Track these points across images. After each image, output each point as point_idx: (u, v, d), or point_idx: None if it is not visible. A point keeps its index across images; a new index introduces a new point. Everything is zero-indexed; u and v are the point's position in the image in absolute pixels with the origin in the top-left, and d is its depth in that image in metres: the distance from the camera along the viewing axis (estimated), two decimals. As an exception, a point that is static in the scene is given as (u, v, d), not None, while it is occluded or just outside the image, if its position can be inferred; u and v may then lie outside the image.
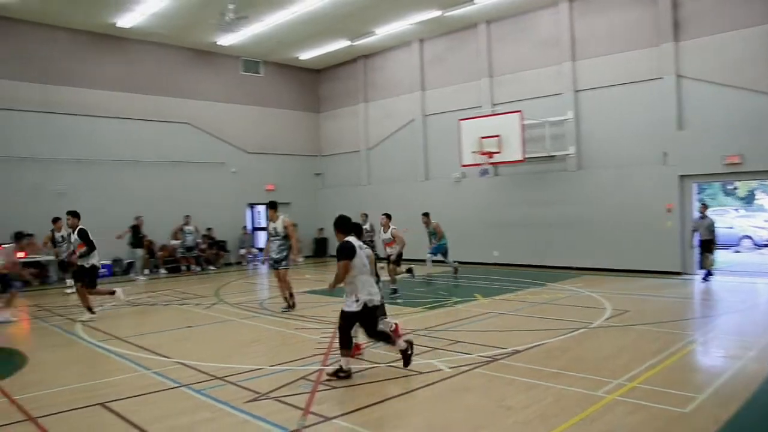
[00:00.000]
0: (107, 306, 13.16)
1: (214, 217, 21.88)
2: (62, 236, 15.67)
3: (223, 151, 22.71)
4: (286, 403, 5.95)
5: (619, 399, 5.82)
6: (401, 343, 7.10)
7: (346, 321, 6.92)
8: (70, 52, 19.33)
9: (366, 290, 6.95)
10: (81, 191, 18.99)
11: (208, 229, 21.53)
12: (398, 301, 12.43)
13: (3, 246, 12.60)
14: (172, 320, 11.36)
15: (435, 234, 16.26)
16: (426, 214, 16.28)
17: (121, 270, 19.77)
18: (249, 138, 23.46)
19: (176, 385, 6.78)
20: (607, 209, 16.77)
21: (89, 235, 11.41)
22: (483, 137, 17.72)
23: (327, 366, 7.22)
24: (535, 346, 8.13)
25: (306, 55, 23.28)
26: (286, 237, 11.90)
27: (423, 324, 9.84)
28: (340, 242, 7.31)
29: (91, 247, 11.35)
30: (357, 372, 7.00)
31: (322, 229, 24.81)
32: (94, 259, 11.49)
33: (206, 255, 21.21)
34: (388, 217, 14.82)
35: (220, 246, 21.92)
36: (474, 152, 17.89)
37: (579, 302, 11.78)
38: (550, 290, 13.58)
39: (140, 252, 18.86)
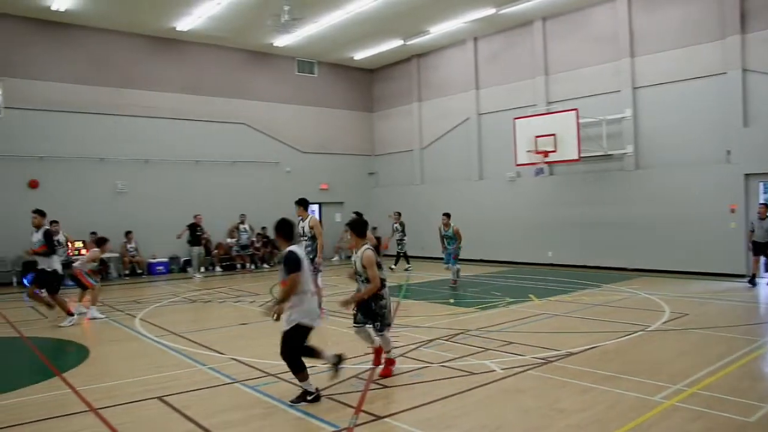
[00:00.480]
0: (165, 302, 13.53)
1: (269, 216, 22.00)
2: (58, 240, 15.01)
3: (278, 151, 23.04)
4: (338, 401, 6.00)
5: (678, 405, 5.65)
6: (329, 356, 6.35)
7: (292, 341, 6.08)
8: (136, 56, 20.02)
9: (305, 309, 6.11)
10: (143, 190, 19.58)
11: (263, 227, 21.85)
12: (450, 301, 12.36)
13: (90, 249, 12.97)
14: (227, 317, 11.57)
15: (454, 238, 14.97)
16: (447, 215, 15.31)
17: (177, 267, 20.29)
18: (303, 138, 23.73)
19: (231, 380, 6.92)
20: (666, 209, 16.31)
21: (53, 237, 11.28)
22: (538, 136, 17.49)
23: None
24: (590, 348, 7.98)
25: (360, 55, 23.41)
26: (313, 237, 11.31)
27: (476, 324, 9.77)
28: (284, 251, 6.23)
29: (51, 250, 10.96)
30: (409, 372, 7.01)
31: (375, 228, 24.87)
32: (57, 265, 11.12)
33: (261, 253, 21.54)
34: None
35: (274, 244, 22.20)
36: (529, 151, 17.66)
37: (636, 304, 11.51)
38: (605, 292, 13.31)
39: (197, 250, 19.26)
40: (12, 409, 6.17)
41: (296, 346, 6.08)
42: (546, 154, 17.27)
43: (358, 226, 7.53)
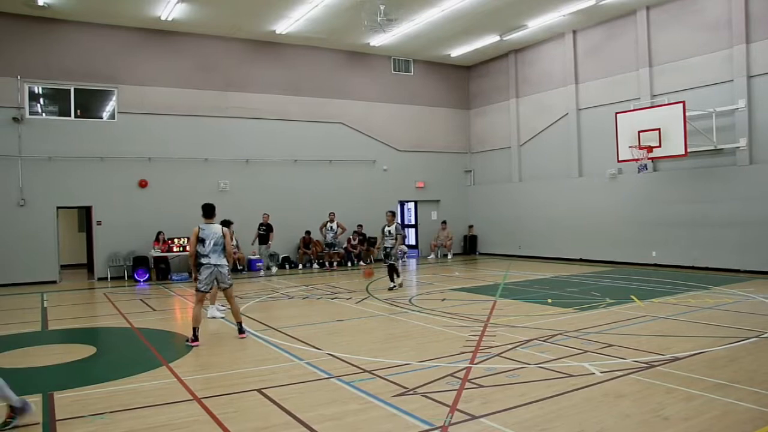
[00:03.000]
0: (264, 297, 13.96)
1: (366, 214, 22.44)
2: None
3: (375, 150, 23.27)
4: (433, 399, 5.99)
5: (798, 418, 5.29)
6: None
7: None
8: (237, 60, 20.78)
9: None
10: (244, 189, 20.30)
11: (359, 225, 22.13)
12: (548, 301, 12.08)
13: None
14: (324, 313, 11.79)
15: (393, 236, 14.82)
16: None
17: (277, 264, 20.93)
18: (399, 136, 23.86)
19: (327, 376, 7.05)
20: (784, 207, 15.30)
21: None
22: (641, 131, 16.80)
23: (475, 364, 7.18)
24: (697, 353, 7.59)
25: (456, 52, 23.28)
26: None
27: (574, 325, 9.51)
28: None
29: None
30: (505, 372, 6.91)
31: (471, 226, 24.72)
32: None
33: (357, 251, 21.83)
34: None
35: (370, 242, 22.45)
36: (631, 147, 16.99)
37: (750, 308, 10.85)
38: (715, 294, 12.62)
39: (264, 248, 19.68)
40: (123, 394, 6.56)
41: None
42: (650, 149, 16.56)
43: None
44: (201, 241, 9.24)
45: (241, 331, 9.49)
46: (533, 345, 8.20)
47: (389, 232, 14.53)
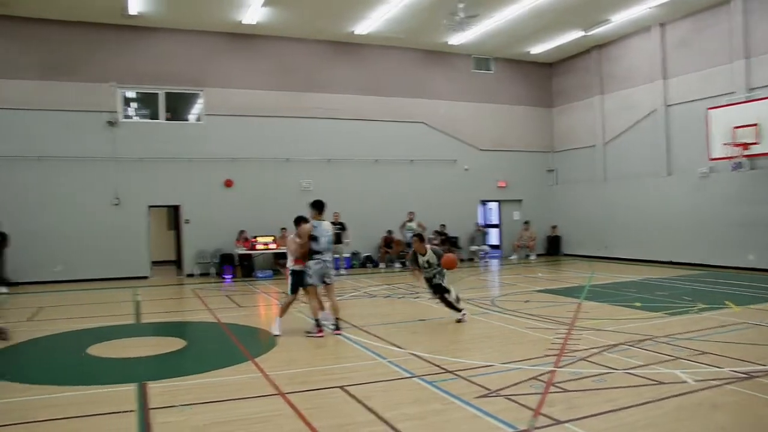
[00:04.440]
0: (346, 296, 14.09)
1: (447, 214, 22.33)
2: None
3: (456, 149, 23.12)
4: (516, 402, 5.88)
5: None
6: None
7: None
8: (317, 61, 21.09)
9: None
10: (326, 189, 20.54)
11: (441, 225, 22.04)
12: (636, 305, 11.64)
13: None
14: (406, 312, 11.81)
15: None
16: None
17: (358, 263, 21.12)
18: (480, 135, 23.61)
19: (409, 375, 7.03)
20: None
21: None
22: (737, 127, 16.01)
23: (560, 368, 7.01)
24: (801, 362, 7.15)
25: (537, 49, 22.85)
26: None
27: (664, 330, 9.13)
28: None
29: None
30: (593, 376, 6.71)
31: (555, 227, 24.20)
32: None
33: (438, 250, 21.68)
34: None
35: (452, 242, 22.33)
36: (725, 144, 16.23)
37: None
38: (820, 299, 11.88)
39: (338, 247, 19.71)
40: (211, 387, 6.76)
41: None
42: (746, 146, 15.77)
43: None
44: (314, 238, 9.43)
45: (337, 327, 9.64)
46: (620, 350, 7.93)
47: (428, 263, 10.46)
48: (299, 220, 9.82)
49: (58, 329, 10.66)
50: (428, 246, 10.69)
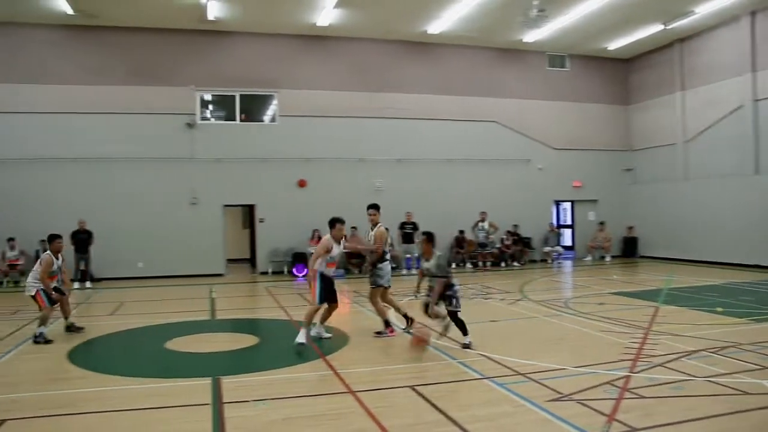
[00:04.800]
0: (418, 296, 14.02)
1: (520, 214, 22.00)
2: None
3: (529, 148, 22.73)
4: (589, 407, 5.72)
5: None
6: None
7: None
8: (390, 61, 21.19)
9: None
10: (399, 188, 20.63)
11: (514, 225, 21.74)
12: (718, 310, 11.12)
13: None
14: (477, 313, 11.67)
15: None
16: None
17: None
18: (555, 134, 23.13)
19: (480, 376, 6.96)
20: None
21: None
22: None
23: (635, 373, 6.79)
24: None
25: (614, 44, 22.22)
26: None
27: (749, 338, 8.66)
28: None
29: None
30: (670, 383, 6.46)
31: (631, 228, 23.46)
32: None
33: (510, 251, 21.44)
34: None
35: (525, 243, 21.99)
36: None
37: None
38: None
39: (410, 247, 19.68)
40: (283, 383, 6.91)
41: None
42: (841, 143, 14.88)
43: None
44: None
45: (388, 324, 9.67)
46: (701, 356, 7.61)
47: (429, 271, 8.87)
48: (334, 222, 9.38)
49: (139, 324, 11.07)
50: (437, 252, 8.80)
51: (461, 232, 21.02)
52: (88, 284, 17.01)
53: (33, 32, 18.28)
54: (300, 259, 19.37)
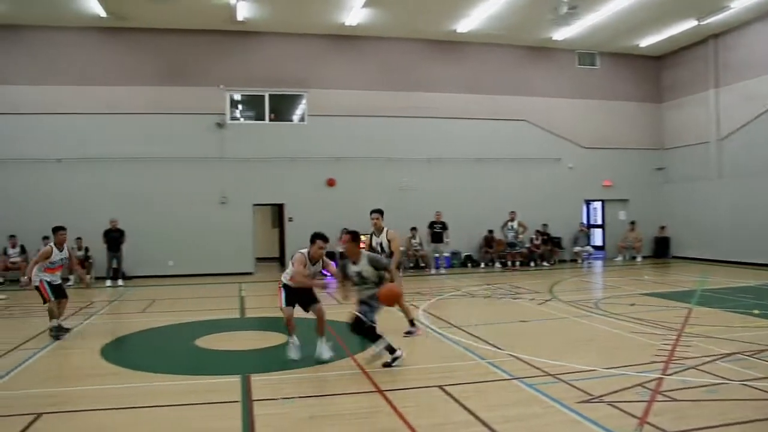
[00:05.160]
0: (446, 295, 14.02)
1: (549, 214, 21.79)
2: None
3: (559, 147, 22.50)
4: (620, 409, 5.65)
5: None
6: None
7: None
8: (419, 60, 21.20)
9: None
10: (426, 188, 20.57)
11: (544, 225, 21.55)
12: (754, 312, 10.88)
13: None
14: (506, 313, 11.63)
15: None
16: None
17: (459, 262, 20.98)
18: (584, 132, 22.86)
19: (509, 377, 6.91)
20: None
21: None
22: None
23: (668, 375, 6.68)
24: None
25: (646, 41, 21.90)
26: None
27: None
28: None
29: None
30: (703, 386, 6.34)
31: (663, 227, 23.10)
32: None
33: (540, 251, 21.25)
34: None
35: (554, 242, 21.78)
36: None
37: None
38: None
39: (439, 246, 19.67)
40: (311, 381, 7.00)
41: None
42: None
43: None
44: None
45: (413, 324, 9.64)
46: (736, 359, 7.45)
47: (360, 276, 7.75)
48: (315, 239, 8.66)
49: (169, 321, 11.21)
50: (365, 252, 7.85)
51: (490, 231, 20.91)
52: (119, 282, 17.27)
53: (67, 35, 18.70)
54: (329, 258, 19.35)
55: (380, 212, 10.06)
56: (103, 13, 17.46)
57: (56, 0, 16.81)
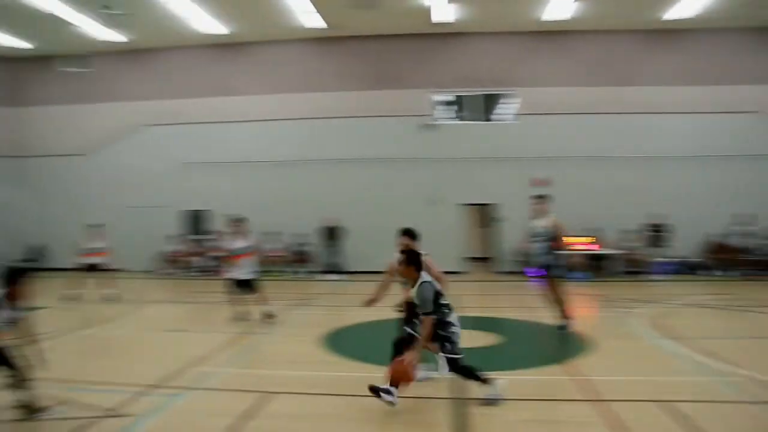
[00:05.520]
0: (675, 303, 12.98)
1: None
2: None
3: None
4: None
5: None
6: None
7: None
8: (629, 52, 20.25)
9: None
10: (644, 187, 19.10)
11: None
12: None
13: None
14: (737, 326, 10.52)
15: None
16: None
17: (686, 268, 19.00)
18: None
19: (742, 400, 6.22)
20: None
21: None
22: None
23: None
24: None
25: None
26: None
27: None
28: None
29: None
30: None
31: None
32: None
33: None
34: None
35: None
36: None
37: None
38: None
39: (658, 250, 18.33)
40: (523, 385, 6.82)
41: None
42: None
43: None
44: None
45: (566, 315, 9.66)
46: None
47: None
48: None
49: (380, 316, 11.58)
50: (425, 274, 6.57)
51: (717, 235, 18.82)
52: (334, 276, 18.35)
53: (288, 47, 20.86)
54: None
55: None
56: (324, 24, 19.00)
57: (279, 16, 18.67)
